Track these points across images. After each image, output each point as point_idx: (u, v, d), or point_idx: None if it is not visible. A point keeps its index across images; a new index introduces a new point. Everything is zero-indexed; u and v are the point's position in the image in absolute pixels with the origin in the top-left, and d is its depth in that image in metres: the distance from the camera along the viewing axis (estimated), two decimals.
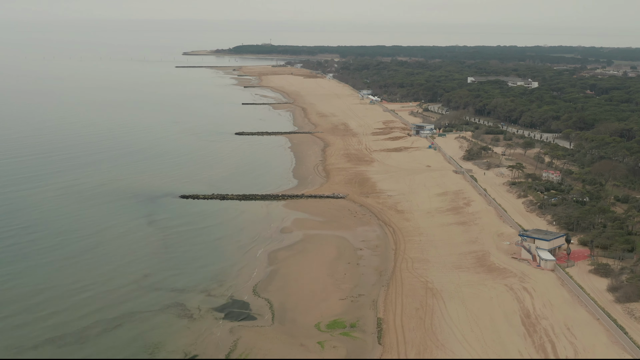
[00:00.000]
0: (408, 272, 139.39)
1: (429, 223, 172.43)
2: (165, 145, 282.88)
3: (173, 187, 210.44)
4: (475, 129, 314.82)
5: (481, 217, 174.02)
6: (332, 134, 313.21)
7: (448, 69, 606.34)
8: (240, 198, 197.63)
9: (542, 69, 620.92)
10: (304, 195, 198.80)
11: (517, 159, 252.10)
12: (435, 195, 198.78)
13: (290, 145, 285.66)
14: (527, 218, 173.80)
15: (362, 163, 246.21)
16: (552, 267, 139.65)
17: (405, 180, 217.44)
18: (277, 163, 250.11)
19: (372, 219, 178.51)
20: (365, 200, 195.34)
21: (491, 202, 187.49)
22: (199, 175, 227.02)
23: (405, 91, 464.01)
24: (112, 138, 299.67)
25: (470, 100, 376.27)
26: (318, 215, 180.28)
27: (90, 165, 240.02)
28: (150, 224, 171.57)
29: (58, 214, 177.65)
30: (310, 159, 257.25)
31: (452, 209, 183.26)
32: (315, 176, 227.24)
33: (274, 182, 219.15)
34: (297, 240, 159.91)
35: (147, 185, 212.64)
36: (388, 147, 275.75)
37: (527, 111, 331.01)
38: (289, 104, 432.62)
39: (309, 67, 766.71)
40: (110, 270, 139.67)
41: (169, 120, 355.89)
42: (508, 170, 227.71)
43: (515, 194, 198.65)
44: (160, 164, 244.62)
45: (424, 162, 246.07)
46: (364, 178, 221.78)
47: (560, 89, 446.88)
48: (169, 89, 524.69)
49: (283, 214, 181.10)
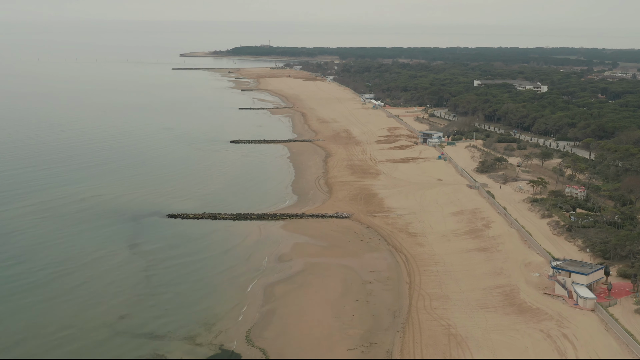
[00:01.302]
0: (426, 312, 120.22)
1: (446, 249, 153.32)
2: (155, 155, 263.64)
3: (160, 204, 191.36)
4: (487, 137, 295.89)
5: (504, 242, 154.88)
6: (334, 142, 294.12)
7: (452, 72, 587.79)
8: (234, 218, 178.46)
9: (549, 72, 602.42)
10: (305, 215, 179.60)
11: (534, 170, 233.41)
12: (450, 214, 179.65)
13: (289, 155, 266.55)
14: (554, 243, 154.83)
15: (367, 176, 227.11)
16: (592, 307, 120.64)
17: (415, 197, 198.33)
18: (275, 175, 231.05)
19: (380, 243, 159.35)
20: (372, 220, 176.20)
21: (513, 224, 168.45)
22: (189, 190, 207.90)
23: (409, 95, 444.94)
24: (96, 146, 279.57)
25: (479, 105, 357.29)
26: (320, 239, 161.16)
27: (70, 178, 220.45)
28: (133, 250, 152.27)
29: (27, 240, 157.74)
30: (311, 170, 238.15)
31: (470, 232, 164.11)
32: (317, 191, 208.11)
33: (272, 198, 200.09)
34: (297, 271, 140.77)
35: (132, 201, 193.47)
36: (394, 158, 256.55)
37: (541, 117, 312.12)
38: (288, 109, 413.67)
39: (309, 69, 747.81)
40: (80, 309, 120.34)
41: (160, 127, 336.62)
42: (527, 184, 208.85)
43: (537, 213, 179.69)
44: (147, 176, 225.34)
45: (435, 174, 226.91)
46: (369, 194, 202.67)
47: (571, 93, 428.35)
48: (162, 92, 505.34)
49: (281, 237, 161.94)
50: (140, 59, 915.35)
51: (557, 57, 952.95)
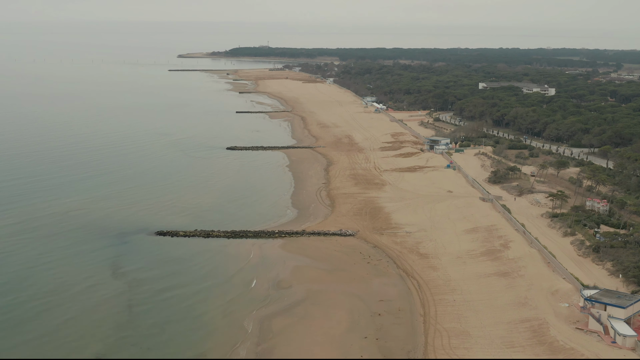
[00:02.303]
0: (445, 353, 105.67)
1: (462, 273, 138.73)
2: (146, 163, 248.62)
3: (149, 219, 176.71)
4: (496, 144, 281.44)
5: (526, 266, 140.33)
6: (336, 149, 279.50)
7: (455, 74, 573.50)
8: (229, 235, 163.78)
9: (554, 74, 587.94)
10: (306, 233, 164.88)
11: (549, 181, 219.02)
12: (464, 232, 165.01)
13: (288, 164, 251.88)
14: (581, 265, 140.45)
15: (371, 187, 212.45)
16: (632, 346, 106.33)
17: (424, 211, 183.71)
18: (274, 186, 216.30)
19: (389, 266, 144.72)
20: (379, 239, 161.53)
21: (533, 243, 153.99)
22: (181, 203, 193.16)
23: (413, 98, 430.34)
24: (84, 154, 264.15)
25: (486, 109, 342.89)
26: (323, 261, 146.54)
27: (54, 189, 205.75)
28: (115, 276, 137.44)
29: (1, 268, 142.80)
30: (311, 181, 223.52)
31: (488, 253, 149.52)
32: (318, 205, 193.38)
33: (270, 213, 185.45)
34: (298, 300, 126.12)
35: (119, 216, 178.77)
36: (400, 167, 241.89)
37: (552, 123, 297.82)
38: (287, 113, 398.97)
39: (308, 70, 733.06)
40: (46, 354, 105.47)
41: (153, 132, 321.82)
42: (544, 197, 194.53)
43: (559, 230, 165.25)
44: (138, 188, 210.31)
45: (444, 185, 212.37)
46: (375, 207, 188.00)
47: (580, 96, 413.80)
48: (158, 94, 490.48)
49: (280, 259, 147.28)
50: (137, 60, 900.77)
51: (560, 59, 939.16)
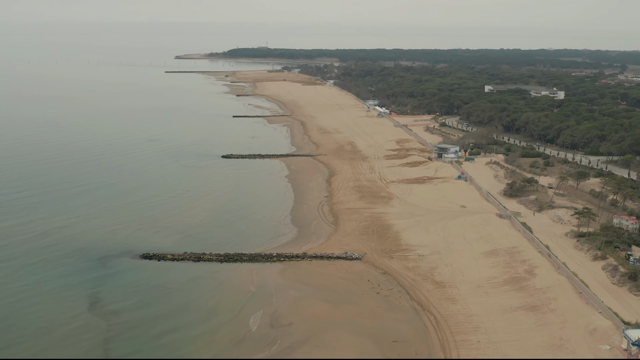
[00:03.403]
0: None
1: (485, 306, 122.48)
2: (134, 175, 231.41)
3: (135, 239, 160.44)
4: (508, 151, 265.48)
5: (556, 298, 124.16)
6: (338, 157, 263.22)
7: (459, 75, 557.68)
8: (221, 259, 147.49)
9: (560, 75, 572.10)
10: (307, 256, 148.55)
11: (569, 193, 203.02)
12: (483, 255, 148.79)
13: (287, 174, 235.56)
14: (617, 296, 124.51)
15: (378, 201, 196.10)
16: None
17: (437, 229, 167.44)
18: (272, 200, 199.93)
19: (402, 297, 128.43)
20: (389, 263, 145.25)
21: (561, 268, 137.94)
22: (170, 220, 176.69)
23: (417, 102, 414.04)
24: (68, 164, 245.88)
25: (495, 114, 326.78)
26: (327, 291, 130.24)
27: (33, 205, 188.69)
28: (92, 310, 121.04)
29: None
30: (312, 193, 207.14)
31: (512, 281, 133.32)
32: (320, 222, 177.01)
33: (267, 231, 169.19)
34: (299, 341, 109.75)
35: (102, 236, 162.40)
36: (407, 177, 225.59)
37: (566, 129, 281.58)
38: (286, 117, 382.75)
39: (308, 72, 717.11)
40: None
41: (144, 138, 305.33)
42: (567, 212, 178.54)
43: (587, 252, 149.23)
44: (123, 203, 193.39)
45: (456, 199, 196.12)
46: (383, 225, 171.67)
47: (591, 99, 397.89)
48: (152, 97, 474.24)
49: (278, 289, 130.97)
50: (133, 61, 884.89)
51: (563, 60, 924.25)
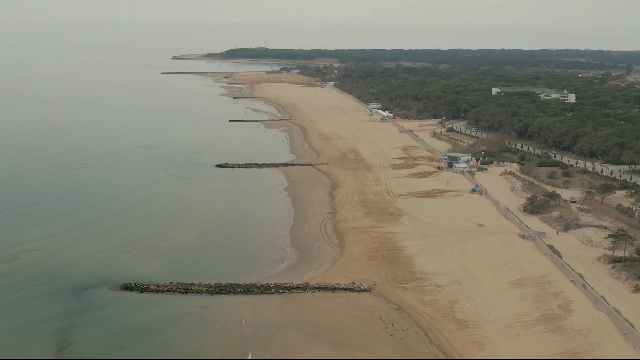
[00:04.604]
0: None
1: (517, 353, 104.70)
2: (119, 187, 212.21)
3: (116, 265, 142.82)
4: (522, 160, 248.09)
5: (600, 342, 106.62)
6: (341, 167, 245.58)
7: (463, 77, 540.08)
8: (212, 291, 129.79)
9: (567, 77, 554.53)
10: (309, 287, 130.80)
11: (594, 208, 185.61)
12: (508, 285, 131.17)
13: (287, 186, 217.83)
14: None
15: (386, 218, 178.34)
16: None
17: (454, 253, 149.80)
18: (269, 218, 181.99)
19: (420, 340, 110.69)
20: (402, 296, 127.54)
21: (599, 302, 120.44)
22: (156, 243, 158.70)
23: (421, 105, 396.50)
24: (44, 178, 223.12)
25: (506, 119, 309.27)
26: (333, 332, 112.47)
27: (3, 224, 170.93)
28: (61, 355, 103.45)
29: None
30: (314, 209, 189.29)
31: (545, 320, 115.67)
32: (323, 243, 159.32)
33: (264, 255, 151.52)
34: None
35: (77, 261, 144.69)
36: (417, 190, 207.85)
37: (583, 135, 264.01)
38: (285, 121, 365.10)
39: (307, 73, 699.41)
40: None
41: (134, 145, 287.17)
42: (597, 232, 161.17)
43: (626, 282, 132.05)
44: (105, 221, 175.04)
45: (472, 216, 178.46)
46: (393, 248, 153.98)
47: (605, 103, 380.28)
48: (145, 100, 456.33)
49: (276, 330, 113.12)
50: (129, 62, 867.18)
51: (567, 60, 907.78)
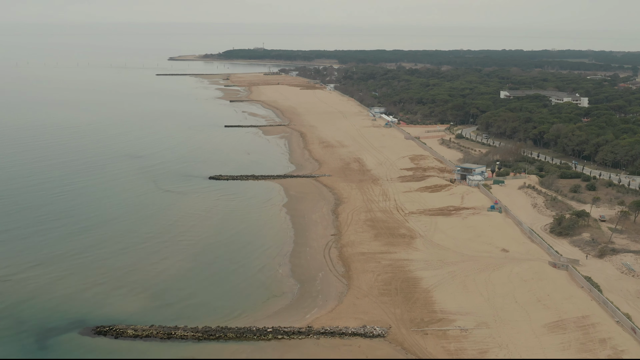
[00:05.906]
0: None
1: None
2: (100, 205, 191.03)
3: (88, 302, 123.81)
4: (540, 171, 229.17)
5: None
6: (344, 179, 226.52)
7: (468, 79, 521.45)
8: (199, 337, 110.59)
9: (575, 79, 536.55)
10: (312, 331, 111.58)
11: (627, 228, 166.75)
12: (546, 329, 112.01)
13: (286, 201, 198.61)
14: None
15: (397, 241, 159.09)
16: None
17: (477, 285, 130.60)
18: (266, 241, 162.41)
19: None
20: (422, 343, 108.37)
21: None
22: (137, 274, 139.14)
23: (427, 109, 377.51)
24: (19, 196, 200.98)
25: (520, 125, 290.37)
26: None
27: None
28: None
29: None
30: (317, 230, 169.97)
31: None
32: (328, 273, 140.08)
33: (260, 290, 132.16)
34: None
35: (47, 298, 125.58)
36: (429, 207, 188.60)
37: (605, 144, 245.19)
38: (284, 127, 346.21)
39: (306, 75, 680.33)
40: None
41: (123, 154, 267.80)
42: (637, 259, 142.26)
43: None
44: (78, 247, 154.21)
45: (494, 239, 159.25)
46: (408, 279, 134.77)
47: (620, 107, 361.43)
48: (138, 104, 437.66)
49: None
50: (125, 63, 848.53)
51: (572, 61, 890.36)
